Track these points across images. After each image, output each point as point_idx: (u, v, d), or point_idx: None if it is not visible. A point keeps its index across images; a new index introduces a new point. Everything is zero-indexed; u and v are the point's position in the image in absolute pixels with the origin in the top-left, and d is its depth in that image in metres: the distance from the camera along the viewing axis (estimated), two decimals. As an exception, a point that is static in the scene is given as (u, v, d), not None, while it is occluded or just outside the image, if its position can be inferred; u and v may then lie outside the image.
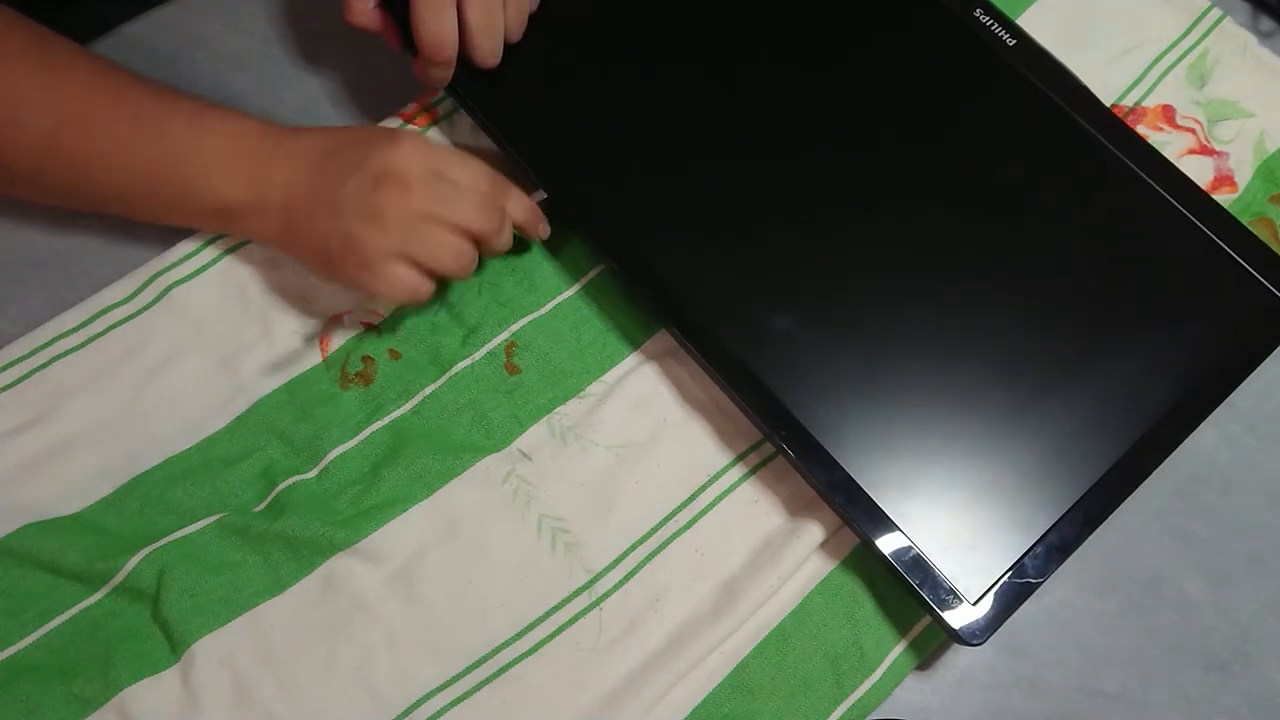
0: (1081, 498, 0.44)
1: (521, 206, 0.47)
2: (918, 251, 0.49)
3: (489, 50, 0.48)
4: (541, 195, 0.49)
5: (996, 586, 0.43)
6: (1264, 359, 0.47)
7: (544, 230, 0.49)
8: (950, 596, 0.42)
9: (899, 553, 0.43)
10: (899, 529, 0.43)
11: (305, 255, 0.45)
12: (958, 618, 0.42)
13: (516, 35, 0.49)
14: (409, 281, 0.44)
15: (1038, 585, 0.43)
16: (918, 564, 0.43)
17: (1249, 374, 0.47)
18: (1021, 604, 0.43)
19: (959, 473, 0.44)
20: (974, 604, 0.42)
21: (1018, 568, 0.43)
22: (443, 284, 0.48)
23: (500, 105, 0.50)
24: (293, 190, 0.44)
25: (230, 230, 0.47)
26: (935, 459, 0.45)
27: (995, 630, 0.42)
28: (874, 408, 0.45)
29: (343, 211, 0.43)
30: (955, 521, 0.44)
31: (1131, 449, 0.45)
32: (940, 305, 0.47)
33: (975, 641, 0.42)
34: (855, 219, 0.49)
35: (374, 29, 0.49)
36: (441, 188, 0.44)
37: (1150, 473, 0.45)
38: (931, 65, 0.53)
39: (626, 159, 0.50)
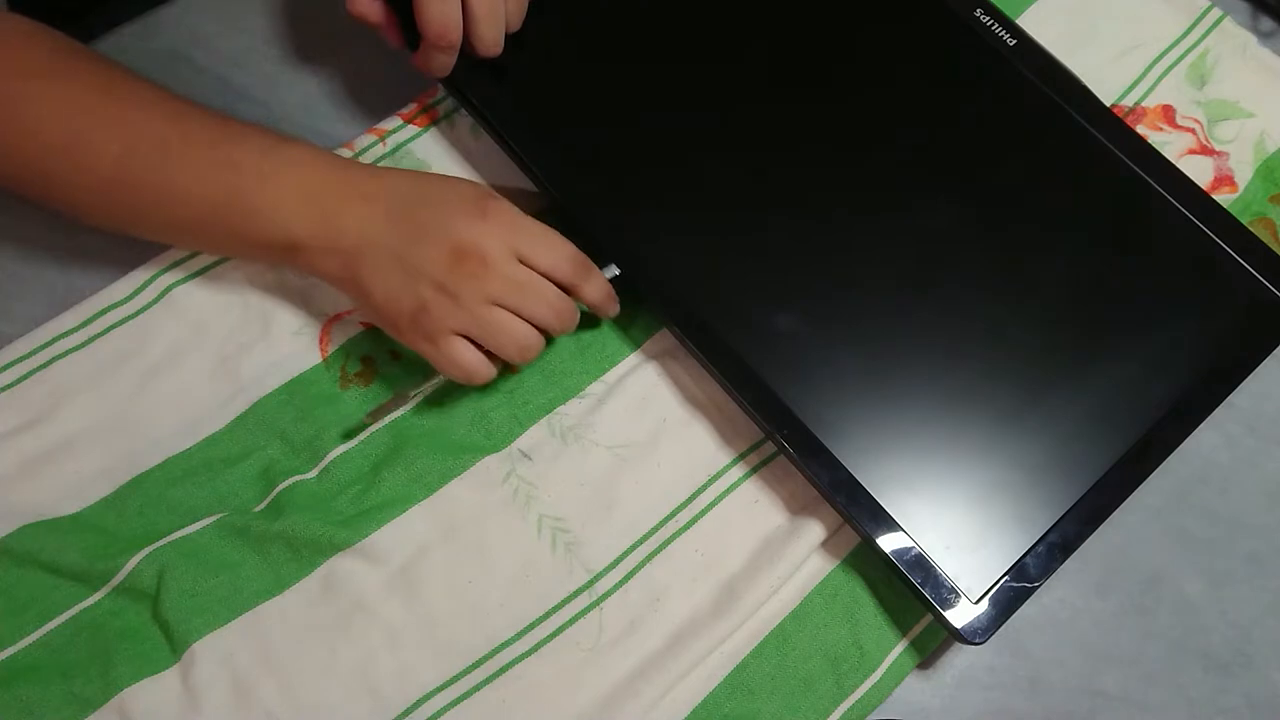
0: (1082, 497, 0.44)
1: (598, 289, 0.46)
2: (919, 251, 0.49)
3: (492, 39, 0.48)
4: (614, 271, 0.47)
5: (998, 585, 0.43)
6: (1263, 359, 0.47)
7: (614, 310, 0.48)
8: (952, 595, 0.42)
9: (901, 552, 0.43)
10: (901, 528, 0.43)
11: (367, 305, 0.44)
12: (960, 616, 0.42)
13: (516, 24, 0.49)
14: (470, 363, 0.43)
15: (1039, 585, 0.43)
16: (920, 563, 0.43)
17: (1249, 374, 0.47)
18: (1023, 603, 0.43)
19: (960, 472, 0.44)
20: (975, 603, 0.42)
21: (1019, 567, 0.43)
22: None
23: (500, 102, 0.50)
24: (365, 237, 0.42)
25: (293, 265, 0.45)
26: (937, 458, 0.45)
27: (997, 629, 0.42)
28: (875, 407, 0.45)
29: (417, 276, 0.42)
30: (957, 521, 0.44)
31: (1132, 448, 0.45)
32: (941, 304, 0.47)
33: (977, 640, 0.42)
34: (856, 218, 0.49)
35: (374, 21, 0.48)
36: (519, 276, 0.43)
37: (1151, 472, 0.45)
38: (932, 65, 0.53)
39: (626, 157, 0.50)
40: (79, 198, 0.43)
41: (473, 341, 0.43)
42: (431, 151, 0.54)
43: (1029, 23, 0.59)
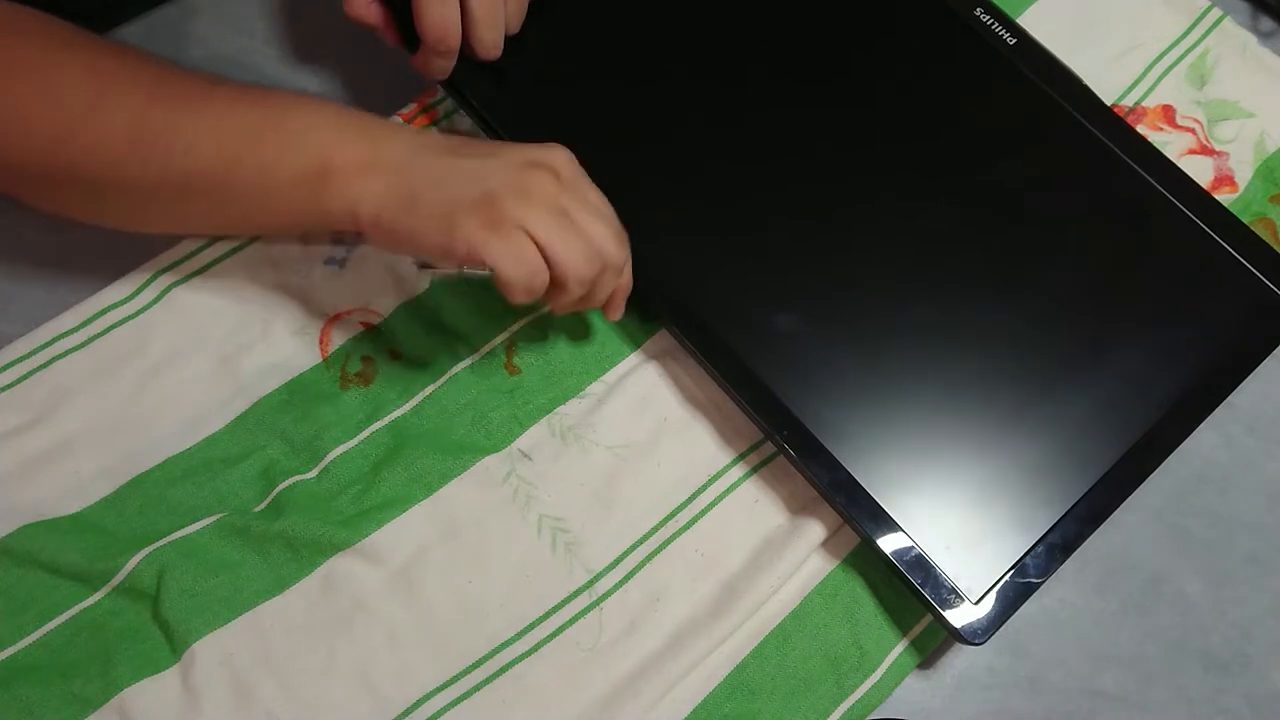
0: (1083, 497, 0.44)
1: (628, 276, 0.45)
2: (918, 251, 0.49)
3: (491, 41, 0.48)
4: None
5: (998, 586, 0.43)
6: (1263, 359, 0.47)
7: (618, 314, 0.47)
8: (952, 596, 0.42)
9: (901, 552, 0.43)
10: (901, 528, 0.43)
11: (419, 215, 0.40)
12: (960, 617, 0.42)
13: (516, 27, 0.49)
14: (533, 259, 0.40)
15: (1039, 584, 0.43)
16: (920, 563, 0.43)
17: (1249, 373, 0.47)
18: (1023, 603, 0.43)
19: (960, 472, 0.44)
20: (976, 603, 0.42)
21: (1019, 567, 0.43)
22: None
23: (499, 104, 0.50)
24: (415, 155, 0.40)
25: (318, 204, 0.41)
26: (936, 458, 0.45)
27: (997, 629, 0.42)
28: (875, 407, 0.45)
29: (483, 179, 0.40)
30: (957, 521, 0.44)
31: (1132, 448, 0.45)
32: (941, 304, 0.47)
33: (977, 641, 0.42)
34: (856, 217, 0.49)
35: (372, 23, 0.48)
36: (591, 196, 0.42)
37: (1151, 472, 0.45)
38: (933, 64, 0.53)
39: (626, 156, 0.50)
40: (107, 157, 0.40)
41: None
42: (431, 151, 0.54)
43: (1029, 22, 0.59)
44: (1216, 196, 0.54)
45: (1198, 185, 0.50)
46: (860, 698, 0.45)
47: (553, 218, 0.40)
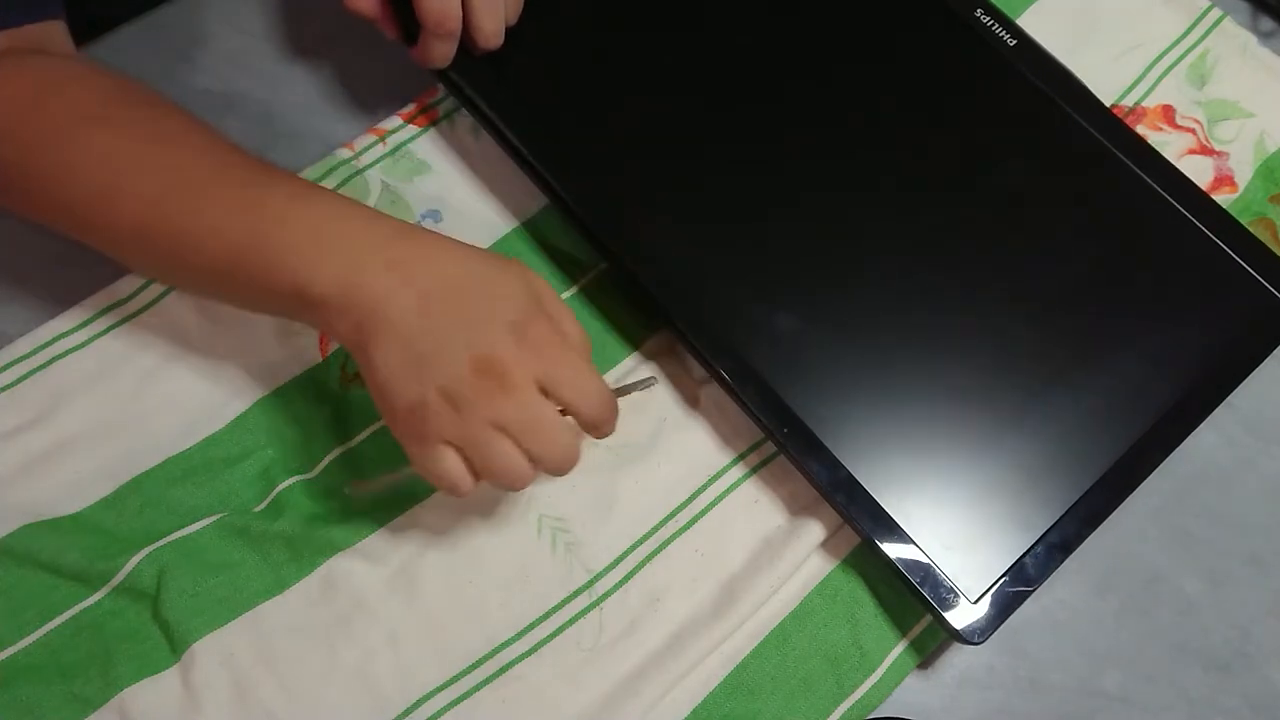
0: (1081, 497, 0.44)
1: (610, 432, 0.41)
2: (918, 251, 0.49)
3: (491, 30, 0.47)
4: (651, 383, 0.46)
5: (997, 586, 0.43)
6: (1263, 359, 0.47)
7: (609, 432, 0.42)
8: (951, 595, 0.42)
9: (900, 552, 0.43)
10: (900, 528, 0.43)
11: (366, 378, 0.39)
12: (959, 617, 0.42)
13: (514, 18, 0.49)
14: (453, 476, 0.38)
15: (1038, 585, 0.43)
16: (918, 563, 0.43)
17: (1248, 374, 0.47)
18: (1022, 603, 0.43)
19: (959, 472, 0.44)
20: (974, 603, 0.42)
21: (1018, 567, 0.43)
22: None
23: (499, 100, 0.50)
24: (383, 312, 0.37)
25: (305, 321, 0.40)
26: (936, 458, 0.45)
27: (996, 629, 0.42)
28: (875, 406, 0.45)
29: (426, 373, 0.37)
30: (956, 521, 0.44)
31: (1131, 449, 0.45)
32: (941, 304, 0.47)
33: (976, 640, 0.42)
34: (856, 217, 0.49)
35: (371, 15, 0.48)
36: (535, 411, 0.38)
37: (1150, 473, 0.45)
38: (932, 64, 0.53)
39: (626, 156, 0.50)
40: (115, 241, 0.42)
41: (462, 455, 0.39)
42: (431, 152, 0.54)
43: (1029, 22, 0.59)
44: (1216, 197, 0.54)
45: (1197, 187, 0.50)
46: (860, 698, 0.45)
47: (481, 437, 0.38)
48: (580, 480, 0.48)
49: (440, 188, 0.53)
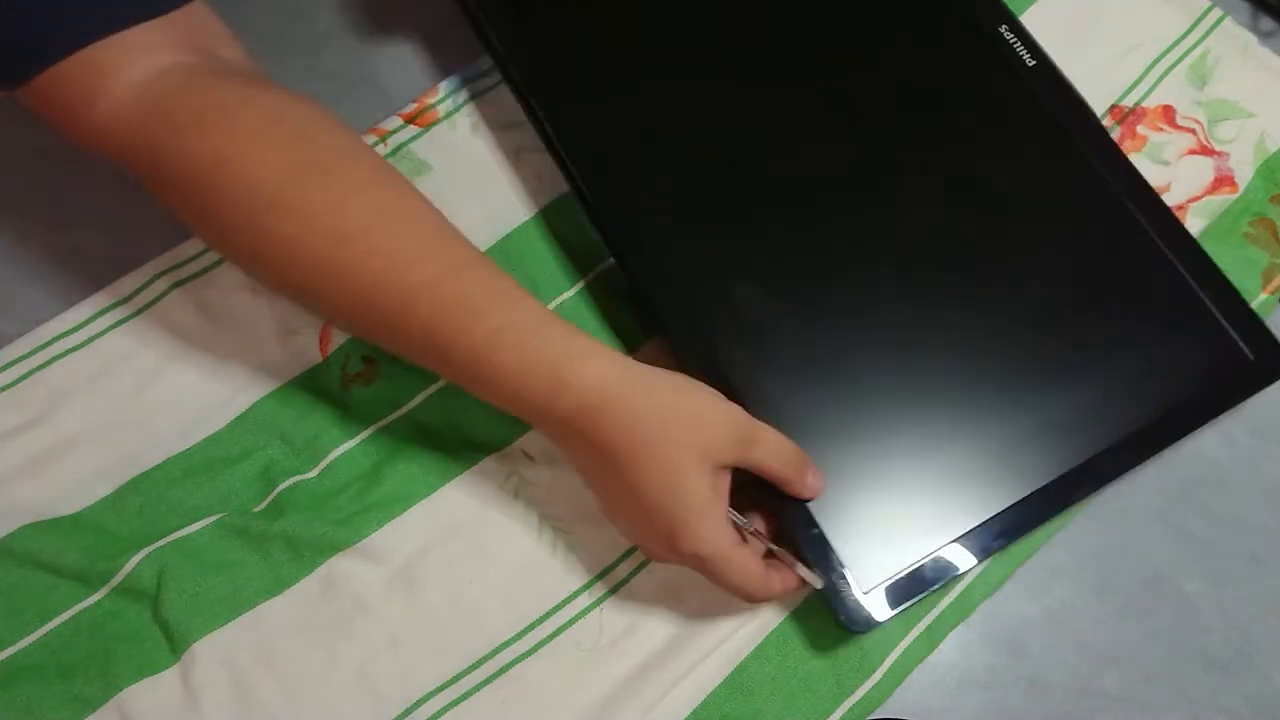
0: (996, 515, 0.44)
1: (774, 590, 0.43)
2: (893, 251, 0.48)
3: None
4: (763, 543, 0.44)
5: (891, 582, 0.42)
6: (1217, 415, 0.46)
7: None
8: (842, 581, 0.42)
9: (804, 529, 0.43)
10: (807, 509, 0.43)
11: (586, 464, 0.41)
12: (844, 604, 0.42)
13: None
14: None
15: (934, 589, 0.43)
16: (820, 544, 0.43)
17: (1197, 428, 0.46)
18: (911, 602, 0.42)
19: (884, 470, 0.44)
20: (866, 594, 0.42)
21: (917, 569, 0.43)
22: None
23: (530, 65, 0.51)
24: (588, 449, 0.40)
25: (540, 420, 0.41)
26: (865, 452, 0.44)
27: (880, 624, 0.42)
28: (821, 399, 0.45)
29: (640, 529, 0.41)
30: (870, 515, 0.43)
31: (1059, 478, 0.44)
32: (905, 305, 0.47)
33: (856, 629, 0.42)
34: (822, 216, 0.49)
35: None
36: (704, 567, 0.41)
37: (1072, 504, 0.45)
38: (931, 65, 0.53)
39: (629, 154, 0.50)
40: (331, 315, 0.43)
41: None
42: (431, 152, 0.54)
43: (1029, 22, 0.58)
44: (1216, 197, 0.54)
45: (1174, 216, 0.49)
46: (860, 698, 0.45)
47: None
48: (581, 481, 0.47)
49: (440, 188, 0.53)
